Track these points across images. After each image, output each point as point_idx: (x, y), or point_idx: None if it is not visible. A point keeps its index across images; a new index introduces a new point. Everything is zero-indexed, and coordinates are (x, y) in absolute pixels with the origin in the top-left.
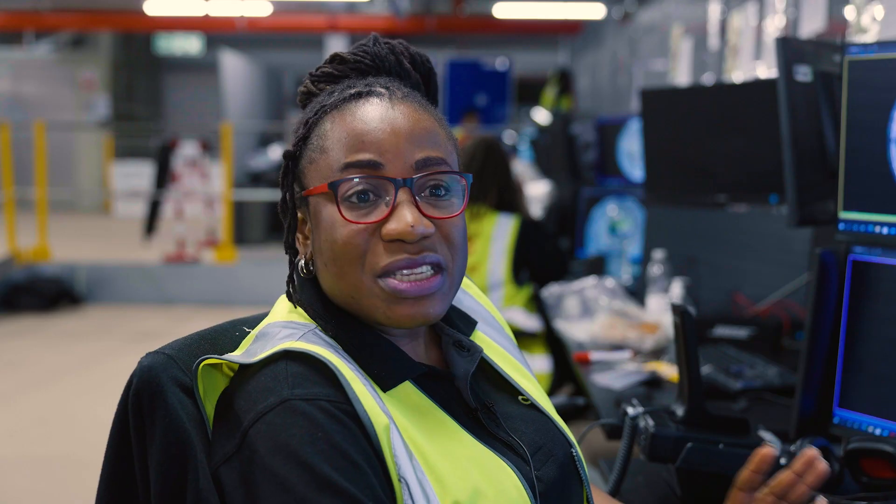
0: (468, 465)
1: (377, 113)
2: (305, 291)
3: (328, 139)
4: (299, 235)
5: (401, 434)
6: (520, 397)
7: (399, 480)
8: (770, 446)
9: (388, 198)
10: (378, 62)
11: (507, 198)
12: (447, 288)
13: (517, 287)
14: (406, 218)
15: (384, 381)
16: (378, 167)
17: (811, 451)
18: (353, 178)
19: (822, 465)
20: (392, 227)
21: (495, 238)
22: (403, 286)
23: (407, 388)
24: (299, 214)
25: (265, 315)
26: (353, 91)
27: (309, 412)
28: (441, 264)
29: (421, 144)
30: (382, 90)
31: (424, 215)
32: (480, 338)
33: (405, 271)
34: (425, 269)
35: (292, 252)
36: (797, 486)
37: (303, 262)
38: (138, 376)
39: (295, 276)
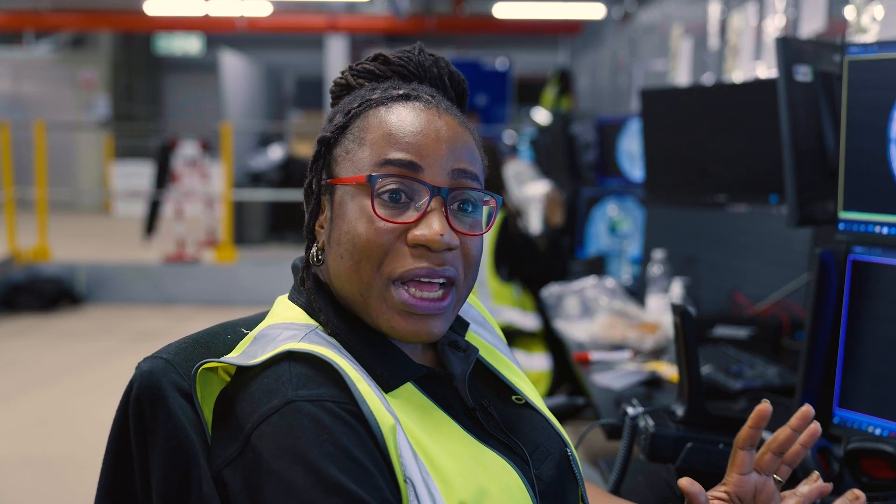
0: (472, 465)
1: (423, 118)
2: (312, 282)
3: (370, 133)
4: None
5: (406, 434)
6: (514, 397)
7: (405, 481)
8: (766, 402)
9: (419, 202)
10: (421, 71)
11: None
12: (452, 307)
13: (501, 282)
14: (435, 226)
15: (386, 381)
16: (417, 170)
17: (807, 408)
18: (391, 176)
19: (816, 426)
20: (420, 232)
21: None
22: (413, 302)
23: (408, 389)
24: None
25: (260, 316)
26: (400, 92)
27: (314, 413)
28: (455, 280)
29: (459, 157)
30: (429, 98)
31: (451, 228)
32: (473, 338)
33: (423, 280)
34: (438, 288)
35: (311, 238)
36: (793, 445)
37: (314, 250)
38: (138, 381)
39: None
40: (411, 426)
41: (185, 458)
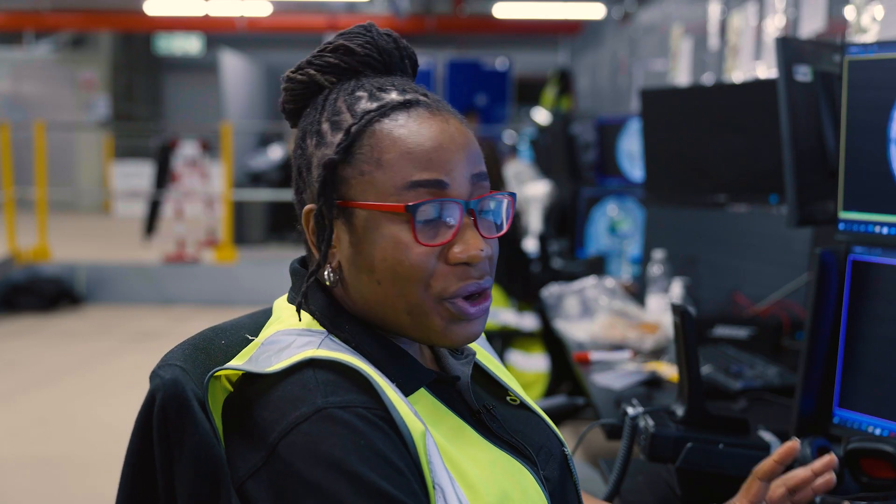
0: (492, 469)
1: (436, 128)
2: (314, 298)
3: (386, 153)
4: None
5: (434, 440)
6: (508, 397)
7: (434, 487)
8: (796, 440)
9: (450, 219)
10: (386, 58)
11: None
12: (489, 308)
13: None
14: (472, 241)
15: (403, 387)
16: (445, 187)
17: (832, 457)
18: (427, 202)
19: (833, 478)
20: (460, 250)
21: None
22: (472, 310)
23: (422, 394)
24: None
25: (246, 318)
26: (398, 99)
27: (348, 420)
28: (489, 286)
29: (473, 161)
30: (426, 101)
31: (482, 237)
32: None
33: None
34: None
35: (318, 262)
36: (807, 486)
37: (328, 271)
38: (162, 391)
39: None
40: (433, 431)
41: (213, 471)
